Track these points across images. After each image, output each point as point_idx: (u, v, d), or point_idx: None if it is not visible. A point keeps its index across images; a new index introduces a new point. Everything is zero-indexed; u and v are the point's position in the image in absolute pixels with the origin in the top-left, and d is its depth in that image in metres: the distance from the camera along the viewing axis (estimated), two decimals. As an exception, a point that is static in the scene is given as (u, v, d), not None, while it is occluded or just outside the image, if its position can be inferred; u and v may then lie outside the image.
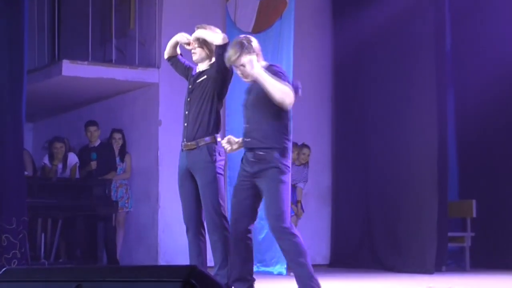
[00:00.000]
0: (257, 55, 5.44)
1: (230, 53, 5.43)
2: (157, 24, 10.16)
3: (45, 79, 10.25)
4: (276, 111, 5.36)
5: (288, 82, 5.36)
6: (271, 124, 5.39)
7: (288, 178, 5.44)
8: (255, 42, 5.49)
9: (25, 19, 8.30)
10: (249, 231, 5.51)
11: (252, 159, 5.42)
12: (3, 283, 3.01)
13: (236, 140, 5.64)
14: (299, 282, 5.38)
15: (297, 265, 5.39)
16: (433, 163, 9.34)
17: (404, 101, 9.78)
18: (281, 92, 5.26)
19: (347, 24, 10.57)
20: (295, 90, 5.36)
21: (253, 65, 5.30)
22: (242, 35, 5.64)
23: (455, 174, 10.60)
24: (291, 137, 5.57)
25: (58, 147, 9.96)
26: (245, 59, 5.33)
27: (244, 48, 5.40)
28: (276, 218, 5.35)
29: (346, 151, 10.68)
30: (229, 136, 5.69)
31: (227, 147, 5.64)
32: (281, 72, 5.39)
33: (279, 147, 5.39)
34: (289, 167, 5.46)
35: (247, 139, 5.47)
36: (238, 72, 5.49)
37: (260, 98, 5.38)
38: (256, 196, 5.48)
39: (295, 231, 5.43)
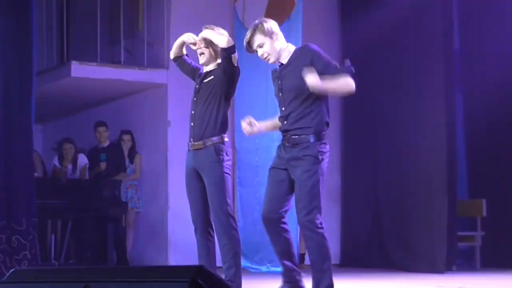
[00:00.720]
0: (274, 35, 5.38)
1: (245, 39, 5.43)
2: (165, 25, 10.17)
3: (54, 80, 10.28)
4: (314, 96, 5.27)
5: (334, 63, 5.28)
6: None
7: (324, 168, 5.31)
8: (270, 23, 5.43)
9: (33, 21, 8.33)
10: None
11: (287, 143, 5.32)
12: (11, 284, 3.02)
13: (257, 123, 5.57)
14: (314, 284, 5.34)
15: (318, 271, 5.32)
16: (442, 162, 9.32)
17: (413, 101, 9.75)
18: (346, 87, 5.27)
19: (355, 24, 10.55)
20: (350, 72, 5.30)
21: (316, 80, 5.13)
22: (257, 20, 5.56)
23: (464, 173, 10.57)
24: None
25: (68, 148, 10.00)
26: (310, 79, 5.12)
27: (256, 29, 5.38)
28: (306, 212, 5.22)
29: (355, 150, 10.66)
30: (249, 117, 5.59)
31: (247, 129, 5.57)
32: (323, 56, 5.29)
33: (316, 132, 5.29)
34: (326, 153, 5.35)
35: (285, 122, 5.35)
36: (259, 54, 5.43)
37: (297, 85, 5.27)
38: (289, 184, 5.35)
39: (325, 231, 5.30)
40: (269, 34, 5.39)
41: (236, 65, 5.74)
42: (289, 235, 5.46)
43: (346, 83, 5.27)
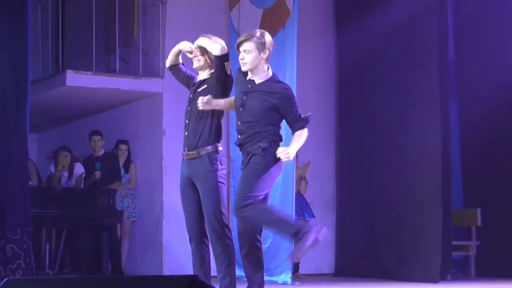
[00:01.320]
0: (263, 52, 5.59)
1: (239, 39, 5.64)
2: (160, 34, 10.18)
3: (49, 89, 10.27)
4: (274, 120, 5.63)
5: (297, 106, 5.63)
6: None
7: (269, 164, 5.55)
8: (268, 40, 5.64)
9: (29, 29, 8.34)
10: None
11: (243, 156, 5.68)
12: (5, 293, 3.01)
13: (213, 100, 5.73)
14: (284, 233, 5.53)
15: (274, 225, 5.52)
16: (437, 171, 9.32)
17: (408, 110, 9.77)
18: (304, 140, 5.64)
19: (350, 33, 10.58)
20: (307, 122, 5.65)
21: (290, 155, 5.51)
22: (259, 30, 5.76)
23: (459, 182, 10.58)
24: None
25: (64, 156, 10.00)
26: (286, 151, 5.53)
27: (253, 37, 5.58)
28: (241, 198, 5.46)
29: (350, 159, 10.67)
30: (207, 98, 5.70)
31: (205, 106, 5.69)
32: (293, 105, 5.63)
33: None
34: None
35: (239, 136, 5.66)
36: (240, 57, 5.62)
37: (259, 110, 5.59)
38: None
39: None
40: (260, 48, 5.59)
41: (229, 73, 5.78)
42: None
43: (304, 138, 5.65)
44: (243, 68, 5.64)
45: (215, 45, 5.75)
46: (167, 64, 6.10)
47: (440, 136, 9.37)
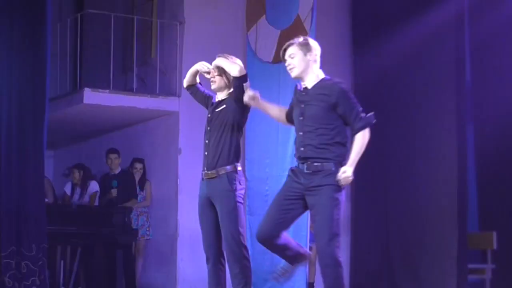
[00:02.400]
0: (310, 53, 5.42)
1: (284, 46, 5.47)
2: (178, 53, 10.23)
3: (66, 107, 10.33)
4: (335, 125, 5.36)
5: (356, 102, 5.36)
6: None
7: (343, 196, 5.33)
8: (313, 43, 5.49)
9: (48, 48, 8.39)
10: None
11: (307, 171, 5.31)
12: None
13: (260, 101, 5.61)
14: None
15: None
16: (452, 194, 9.29)
17: (424, 132, 9.75)
18: (365, 145, 5.39)
19: (367, 55, 10.58)
20: (369, 122, 5.40)
21: (348, 179, 5.28)
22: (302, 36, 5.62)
23: (475, 205, 10.51)
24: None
25: (78, 173, 10.08)
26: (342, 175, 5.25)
27: (296, 42, 5.43)
28: (328, 240, 5.23)
29: (366, 181, 10.62)
30: (256, 92, 5.58)
31: (250, 102, 5.57)
32: (351, 98, 5.38)
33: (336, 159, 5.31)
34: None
35: (301, 148, 5.35)
36: (286, 63, 5.47)
37: (318, 114, 5.34)
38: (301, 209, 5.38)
39: (341, 260, 5.34)
40: (305, 49, 5.43)
41: (247, 94, 5.77)
42: (285, 240, 5.45)
43: (364, 142, 5.39)
44: (292, 75, 5.44)
45: (234, 66, 5.76)
46: (185, 84, 6.10)
47: (456, 158, 9.34)
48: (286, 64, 5.47)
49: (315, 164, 5.26)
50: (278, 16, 9.92)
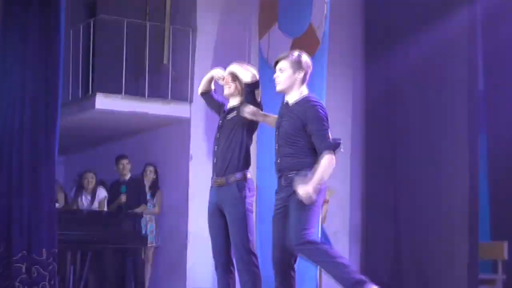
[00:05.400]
0: (298, 72, 5.46)
1: (277, 57, 5.53)
2: (190, 60, 10.24)
3: (78, 112, 10.35)
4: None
5: (328, 128, 5.37)
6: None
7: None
8: (305, 61, 5.52)
9: (60, 54, 8.42)
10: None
11: (284, 184, 5.40)
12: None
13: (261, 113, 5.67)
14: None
15: (331, 268, 5.32)
16: (464, 203, 9.27)
17: (436, 141, 9.73)
18: (330, 168, 5.27)
19: (379, 64, 10.56)
20: (337, 146, 5.41)
21: (307, 192, 5.21)
22: (298, 50, 5.66)
23: (486, 214, 10.48)
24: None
25: (89, 178, 10.07)
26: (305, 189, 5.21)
27: (289, 57, 5.47)
28: (299, 235, 5.27)
29: (377, 190, 10.62)
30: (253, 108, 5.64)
31: (249, 116, 5.64)
32: (319, 120, 5.38)
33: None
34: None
35: (278, 160, 5.46)
36: (274, 75, 5.51)
37: (291, 133, 5.42)
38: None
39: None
40: (296, 67, 5.47)
41: (259, 101, 5.77)
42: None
43: (327, 165, 5.27)
44: (277, 88, 5.50)
45: (246, 73, 5.77)
46: (199, 91, 6.10)
47: (468, 168, 9.32)
48: (274, 76, 5.53)
49: (289, 175, 5.36)
50: (291, 24, 9.90)
